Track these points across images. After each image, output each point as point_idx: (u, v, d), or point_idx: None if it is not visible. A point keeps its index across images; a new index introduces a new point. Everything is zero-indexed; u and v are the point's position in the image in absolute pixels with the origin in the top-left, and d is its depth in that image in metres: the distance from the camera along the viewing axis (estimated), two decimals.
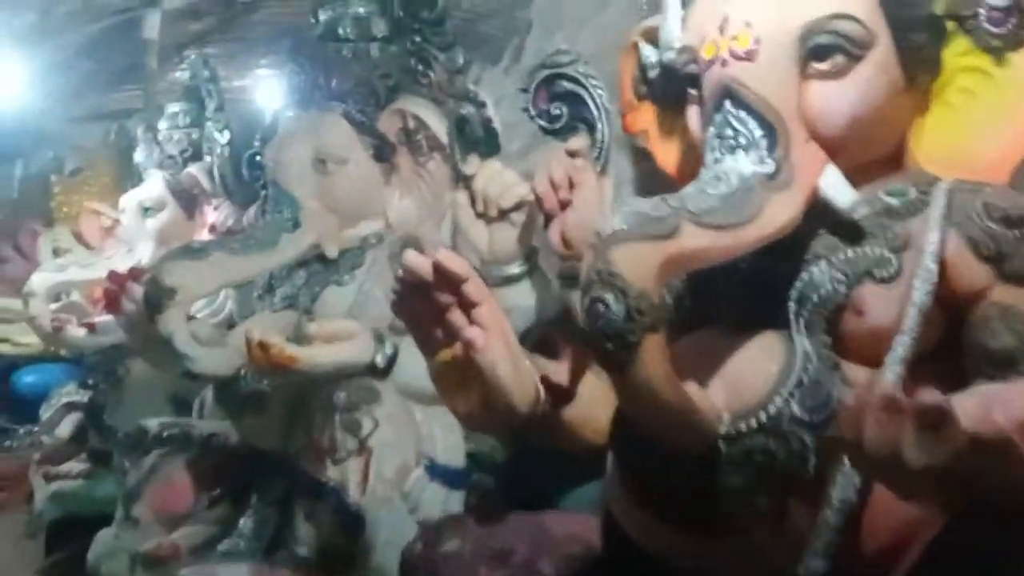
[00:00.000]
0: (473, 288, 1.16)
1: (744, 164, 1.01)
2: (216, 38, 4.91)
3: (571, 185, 1.57)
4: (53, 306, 3.31)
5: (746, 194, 0.98)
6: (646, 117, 1.56)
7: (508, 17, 3.23)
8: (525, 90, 1.73)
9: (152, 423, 2.39)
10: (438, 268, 1.14)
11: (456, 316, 1.17)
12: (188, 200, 3.41)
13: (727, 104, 1.05)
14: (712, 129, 1.06)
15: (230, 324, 2.60)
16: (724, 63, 1.06)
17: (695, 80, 1.17)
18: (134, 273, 2.21)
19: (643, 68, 1.51)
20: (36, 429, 4.26)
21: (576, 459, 1.39)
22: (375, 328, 1.94)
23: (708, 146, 1.07)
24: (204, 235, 3.29)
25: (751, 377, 1.01)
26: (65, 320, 3.08)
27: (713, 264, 1.00)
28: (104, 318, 3.12)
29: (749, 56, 1.04)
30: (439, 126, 2.12)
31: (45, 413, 3.62)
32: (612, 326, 0.88)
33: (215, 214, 3.16)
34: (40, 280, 3.24)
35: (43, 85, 4.24)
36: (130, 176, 4.59)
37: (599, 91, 1.67)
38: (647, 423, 0.99)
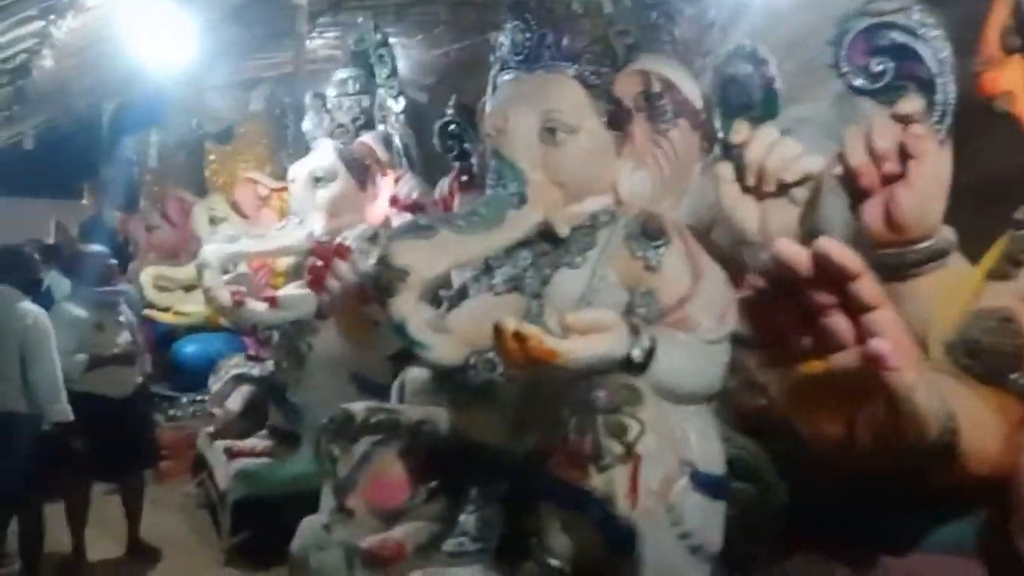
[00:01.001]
0: (867, 288, 0.93)
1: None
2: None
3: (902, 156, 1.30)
4: (225, 277, 3.24)
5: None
6: (1013, 75, 1.28)
7: None
8: (835, 43, 1.47)
9: (357, 408, 2.25)
10: (823, 260, 0.92)
11: (838, 321, 0.94)
12: (360, 170, 3.28)
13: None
14: None
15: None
16: None
17: None
18: (339, 250, 2.09)
19: (1021, 14, 1.24)
20: (199, 399, 4.29)
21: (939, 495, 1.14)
22: (629, 318, 1.74)
23: None
24: (381, 208, 3.16)
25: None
26: (244, 293, 2.99)
27: None
28: (286, 292, 3.04)
29: None
30: (691, 88, 1.88)
31: (214, 385, 3.59)
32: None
33: (397, 186, 3.01)
34: (213, 251, 3.17)
35: (185, 51, 4.16)
36: (283, 144, 4.54)
37: (939, 43, 1.39)
38: None
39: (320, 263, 2.07)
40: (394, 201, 3.02)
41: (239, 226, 4.34)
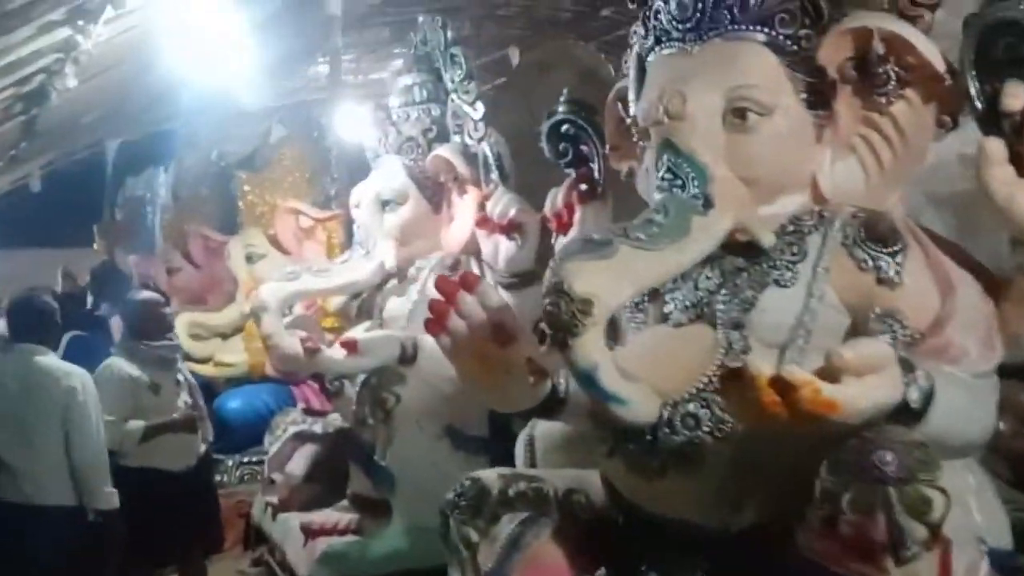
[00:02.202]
0: None
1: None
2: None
3: None
4: (285, 320, 2.79)
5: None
6: None
7: None
8: None
9: (490, 477, 1.79)
10: None
11: None
12: (434, 190, 2.84)
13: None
14: None
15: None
16: None
17: None
18: (466, 281, 1.64)
19: None
20: (247, 460, 3.83)
21: None
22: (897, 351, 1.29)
23: None
24: (461, 231, 2.71)
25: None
26: (316, 340, 2.53)
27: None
28: (370, 335, 2.58)
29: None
30: (927, 45, 1.44)
31: (270, 445, 3.11)
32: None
33: (487, 204, 2.56)
34: (271, 292, 2.72)
35: (217, 66, 3.73)
36: (325, 169, 4.12)
37: None
38: None
39: (441, 298, 1.62)
40: (483, 222, 2.57)
41: (278, 260, 3.90)
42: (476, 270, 2.72)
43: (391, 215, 2.86)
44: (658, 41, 1.64)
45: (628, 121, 1.92)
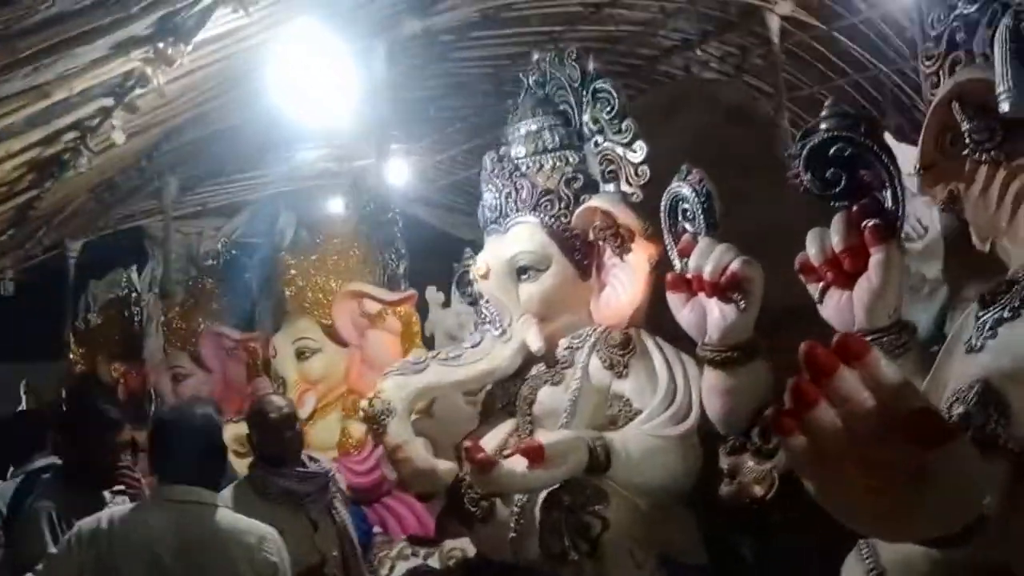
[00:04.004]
0: None
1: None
2: None
3: None
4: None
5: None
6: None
7: None
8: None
9: None
10: None
11: None
12: (583, 252, 2.30)
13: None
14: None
15: None
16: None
17: None
18: (850, 346, 1.12)
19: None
20: None
21: None
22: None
23: None
24: (637, 295, 2.18)
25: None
26: (483, 448, 1.91)
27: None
28: (555, 438, 1.95)
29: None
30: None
31: None
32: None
33: (693, 259, 2.00)
34: (395, 388, 2.12)
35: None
36: (382, 245, 3.55)
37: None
38: None
39: (807, 381, 1.09)
40: (679, 284, 2.01)
41: (333, 355, 3.28)
42: (650, 347, 2.18)
43: (531, 285, 2.30)
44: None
45: (968, 127, 1.46)
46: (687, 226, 2.04)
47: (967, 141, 1.57)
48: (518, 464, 1.87)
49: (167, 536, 2.09)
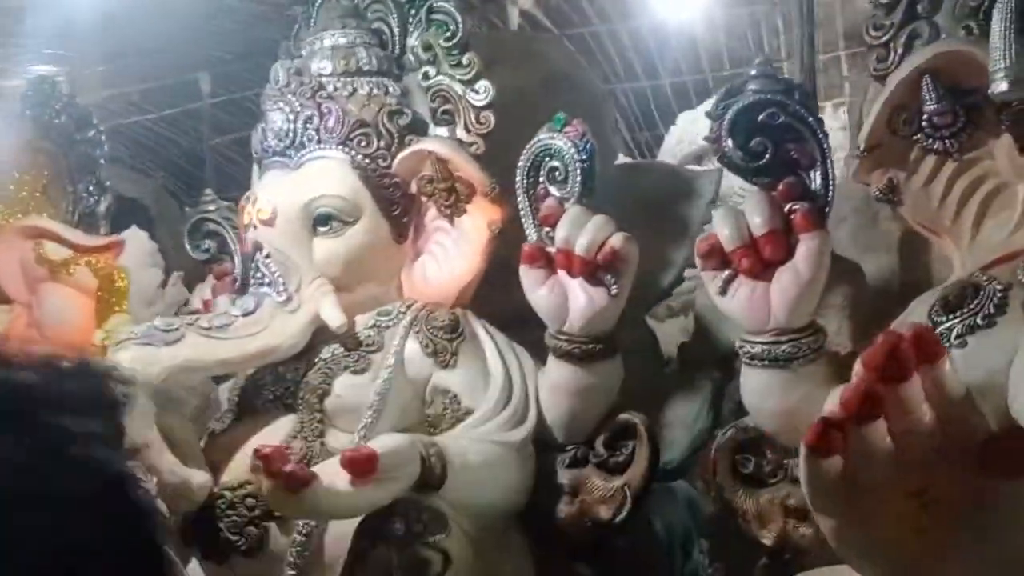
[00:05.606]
0: None
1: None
2: None
3: None
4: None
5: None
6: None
7: None
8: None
9: None
10: None
11: None
12: (403, 204, 1.79)
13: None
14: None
15: None
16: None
17: None
18: (927, 343, 0.92)
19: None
20: None
21: None
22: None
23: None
24: (472, 266, 1.74)
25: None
26: (287, 454, 1.32)
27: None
28: (388, 445, 1.39)
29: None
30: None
31: None
32: None
33: (561, 228, 1.60)
34: (138, 363, 1.43)
35: None
36: (77, 169, 2.61)
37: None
38: None
39: (879, 383, 0.82)
40: (535, 256, 1.60)
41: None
42: (480, 334, 1.76)
43: (332, 240, 1.75)
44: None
45: (932, 108, 1.31)
46: (553, 189, 1.66)
47: (923, 124, 1.42)
48: (339, 480, 1.33)
49: None
